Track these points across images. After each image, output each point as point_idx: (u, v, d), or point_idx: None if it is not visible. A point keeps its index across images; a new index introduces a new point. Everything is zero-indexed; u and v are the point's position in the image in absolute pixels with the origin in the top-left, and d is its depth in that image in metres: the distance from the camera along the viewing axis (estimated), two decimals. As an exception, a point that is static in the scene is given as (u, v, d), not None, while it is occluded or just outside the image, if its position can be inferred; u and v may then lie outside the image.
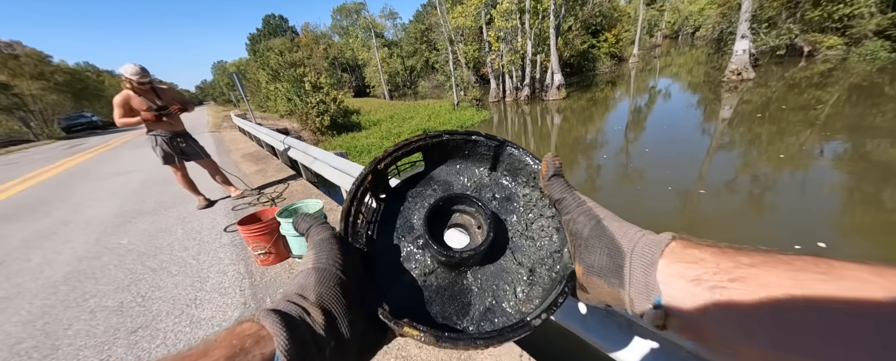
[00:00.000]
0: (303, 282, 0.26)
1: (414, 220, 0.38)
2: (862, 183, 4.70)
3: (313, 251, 0.29)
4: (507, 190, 0.40)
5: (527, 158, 0.39)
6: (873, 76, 10.56)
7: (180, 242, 2.81)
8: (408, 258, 0.36)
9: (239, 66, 38.85)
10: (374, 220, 0.38)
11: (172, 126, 3.15)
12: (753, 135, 7.56)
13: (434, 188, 0.41)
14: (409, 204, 0.40)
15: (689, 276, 0.21)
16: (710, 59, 21.51)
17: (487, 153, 0.40)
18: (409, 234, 0.37)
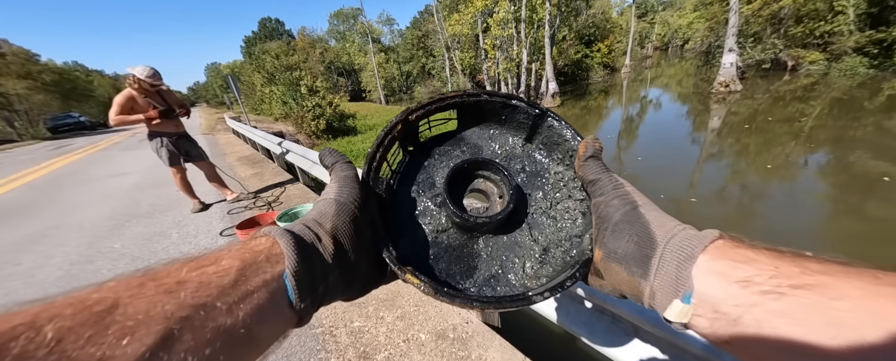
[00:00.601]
0: (322, 210, 0.27)
1: (436, 178, 0.38)
2: (846, 193, 4.88)
3: (336, 184, 0.30)
4: (539, 164, 0.39)
5: (567, 132, 0.36)
6: (853, 91, 11.01)
7: (176, 246, 2.78)
8: (424, 213, 0.37)
9: (233, 68, 38.64)
10: (397, 170, 0.38)
11: (177, 127, 3.20)
12: (741, 146, 7.80)
13: (463, 149, 0.40)
14: (434, 161, 0.39)
15: (736, 277, 0.19)
16: (698, 70, 22.17)
17: (526, 122, 0.38)
18: (429, 191, 0.37)
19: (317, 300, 0.23)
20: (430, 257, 0.34)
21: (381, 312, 1.70)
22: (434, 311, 1.66)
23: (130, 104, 2.84)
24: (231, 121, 11.62)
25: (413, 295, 1.79)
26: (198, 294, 0.17)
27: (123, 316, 0.14)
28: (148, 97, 2.92)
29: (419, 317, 1.63)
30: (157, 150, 3.13)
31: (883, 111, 8.28)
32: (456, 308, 1.67)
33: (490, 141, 0.40)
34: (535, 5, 18.92)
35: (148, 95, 2.92)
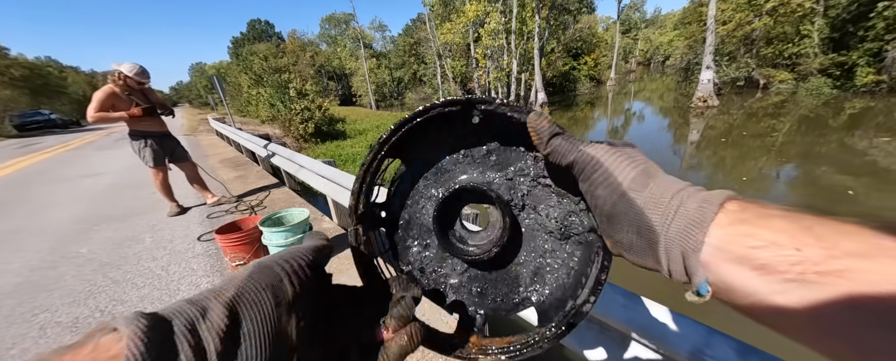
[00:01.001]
0: (231, 276, 0.20)
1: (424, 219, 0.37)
2: (812, 205, 5.14)
3: (276, 253, 0.23)
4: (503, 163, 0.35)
5: (511, 114, 0.31)
6: (819, 109, 11.76)
7: (149, 251, 2.64)
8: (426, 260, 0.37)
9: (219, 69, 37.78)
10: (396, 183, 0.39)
11: (161, 127, 3.10)
12: (719, 159, 8.15)
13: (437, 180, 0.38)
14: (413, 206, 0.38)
15: (754, 261, 0.16)
16: (679, 86, 23.22)
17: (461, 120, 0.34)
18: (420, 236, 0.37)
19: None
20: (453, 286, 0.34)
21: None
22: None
23: (111, 101, 2.73)
24: (215, 123, 11.31)
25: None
26: None
27: None
28: (131, 95, 2.83)
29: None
30: (140, 150, 3.02)
31: (845, 129, 8.86)
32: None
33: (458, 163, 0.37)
34: (525, 18, 19.48)
35: (131, 93, 2.83)
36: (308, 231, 2.22)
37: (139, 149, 3.01)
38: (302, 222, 2.15)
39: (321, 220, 2.94)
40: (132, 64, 2.77)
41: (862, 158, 6.74)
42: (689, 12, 25.62)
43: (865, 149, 7.13)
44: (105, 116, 2.71)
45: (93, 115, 2.67)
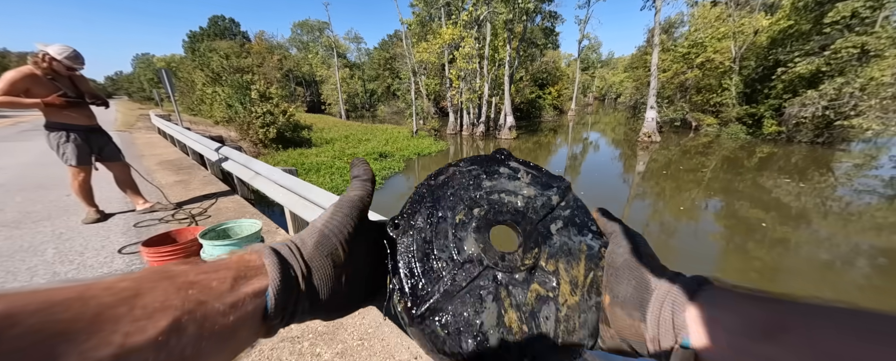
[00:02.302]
0: (304, 238, 0.28)
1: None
2: (734, 234, 5.90)
3: (332, 210, 0.30)
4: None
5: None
6: (737, 151, 13.79)
7: (48, 266, 2.21)
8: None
9: (170, 63, 34.58)
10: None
11: (89, 120, 2.69)
12: (660, 189, 9.10)
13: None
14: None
15: (726, 323, 0.21)
16: (628, 121, 25.94)
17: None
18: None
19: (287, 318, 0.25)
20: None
21: (318, 348, 1.51)
22: (380, 346, 1.53)
23: (26, 84, 2.32)
24: (158, 120, 10.19)
25: (357, 328, 1.65)
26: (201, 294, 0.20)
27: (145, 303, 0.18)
28: (55, 80, 2.44)
29: (363, 353, 1.49)
30: (59, 145, 2.57)
31: (756, 170, 10.46)
32: (406, 342, 1.57)
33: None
34: (497, 45, 20.73)
35: (55, 78, 2.44)
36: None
37: (58, 143, 2.57)
38: (251, 235, 1.97)
39: (275, 233, 2.71)
40: (63, 46, 2.43)
41: (769, 195, 7.95)
42: (637, 58, 29.25)
43: (771, 188, 8.44)
44: (12, 101, 2.27)
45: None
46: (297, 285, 0.25)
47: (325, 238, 0.28)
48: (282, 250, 0.26)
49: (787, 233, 5.81)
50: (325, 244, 0.27)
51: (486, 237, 0.31)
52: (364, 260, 0.30)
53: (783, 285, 4.28)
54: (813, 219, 6.42)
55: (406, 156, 13.30)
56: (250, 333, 0.23)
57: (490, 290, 0.29)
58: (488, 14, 18.03)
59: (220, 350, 0.20)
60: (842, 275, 4.50)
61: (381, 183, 9.20)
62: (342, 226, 0.29)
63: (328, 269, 0.27)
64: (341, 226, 0.28)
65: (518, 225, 0.32)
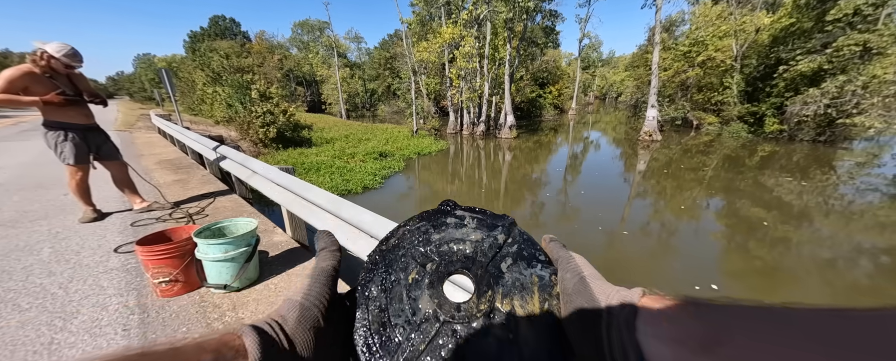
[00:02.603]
0: (284, 314, 0.28)
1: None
2: (735, 234, 5.87)
3: (308, 281, 0.30)
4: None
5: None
6: (738, 150, 13.73)
7: (44, 265, 2.20)
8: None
9: (171, 63, 34.63)
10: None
11: (87, 118, 2.70)
12: (661, 188, 9.06)
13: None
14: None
15: (668, 336, 0.22)
16: (629, 120, 25.87)
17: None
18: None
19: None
20: None
21: None
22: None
23: (25, 83, 2.32)
24: (158, 120, 10.20)
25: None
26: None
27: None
28: (53, 79, 2.45)
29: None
30: (58, 144, 2.57)
31: (758, 168, 10.41)
32: None
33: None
34: (497, 45, 20.68)
35: (54, 77, 2.45)
36: (254, 243, 2.00)
37: (56, 142, 2.57)
38: (247, 234, 1.95)
39: (272, 232, 2.70)
40: (61, 43, 2.42)
41: (770, 194, 7.91)
42: (638, 57, 29.16)
43: (773, 187, 8.39)
44: (11, 99, 2.27)
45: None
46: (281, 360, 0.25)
47: (306, 310, 0.28)
48: (263, 327, 0.27)
49: (788, 232, 5.77)
50: (306, 317, 0.28)
51: (440, 291, 0.31)
52: (337, 332, 0.30)
53: (785, 284, 4.26)
54: (815, 218, 6.38)
55: (406, 155, 13.28)
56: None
57: (450, 347, 0.28)
58: (488, 13, 17.99)
59: None
60: (844, 275, 4.46)
61: (380, 183, 9.18)
62: (321, 297, 0.29)
63: (311, 343, 0.27)
64: (320, 296, 0.29)
65: (469, 270, 0.32)
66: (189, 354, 0.22)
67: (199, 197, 3.59)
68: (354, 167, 10.50)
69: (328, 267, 0.32)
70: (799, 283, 4.27)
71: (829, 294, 4.03)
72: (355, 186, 8.44)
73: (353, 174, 9.48)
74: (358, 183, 8.65)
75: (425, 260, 0.32)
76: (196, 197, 3.59)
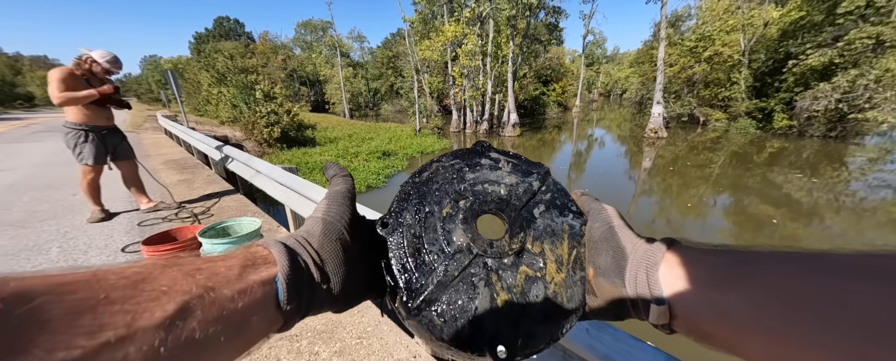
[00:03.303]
0: (309, 229, 0.29)
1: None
2: (744, 231, 5.78)
3: (326, 201, 0.31)
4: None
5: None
6: (746, 146, 13.52)
7: (53, 264, 2.24)
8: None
9: (177, 65, 35.00)
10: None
11: (108, 120, 2.81)
12: (667, 185, 8.96)
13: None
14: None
15: (693, 276, 0.23)
16: (634, 117, 25.58)
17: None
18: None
19: (303, 306, 0.25)
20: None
21: (316, 346, 1.51)
22: (379, 344, 1.52)
23: (69, 83, 2.48)
24: (164, 121, 10.33)
25: (356, 326, 1.63)
26: (210, 279, 0.21)
27: (152, 287, 0.18)
28: (89, 81, 2.60)
29: (361, 352, 1.48)
30: (78, 145, 2.66)
31: (766, 165, 10.23)
32: (405, 340, 1.55)
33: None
34: (500, 42, 20.57)
35: (89, 80, 2.60)
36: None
37: (76, 142, 2.65)
38: (251, 233, 1.97)
39: (276, 231, 2.72)
40: (105, 51, 2.62)
41: (779, 191, 7.78)
42: (643, 53, 28.80)
43: (782, 184, 8.25)
44: (73, 96, 2.45)
45: (59, 96, 2.41)
46: (309, 273, 0.26)
47: (329, 225, 0.28)
48: (288, 241, 0.27)
49: (797, 230, 5.67)
50: (331, 230, 0.28)
51: (474, 227, 0.32)
52: (361, 252, 0.30)
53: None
54: (825, 215, 6.26)
55: (409, 154, 13.30)
56: (263, 322, 0.23)
57: (481, 276, 0.30)
58: (491, 11, 17.88)
59: (231, 336, 0.20)
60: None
61: (383, 182, 9.21)
62: (342, 214, 0.30)
63: (339, 254, 0.28)
64: (341, 214, 0.30)
65: (503, 212, 0.34)
66: (217, 258, 0.23)
67: (206, 197, 3.63)
68: (358, 166, 10.55)
69: (343, 190, 0.32)
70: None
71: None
72: (359, 185, 8.47)
73: (356, 173, 9.52)
74: (361, 183, 8.69)
75: (459, 197, 0.33)
76: (201, 197, 3.63)
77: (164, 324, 0.17)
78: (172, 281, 0.19)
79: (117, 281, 0.17)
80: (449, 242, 0.31)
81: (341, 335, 1.58)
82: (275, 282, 0.23)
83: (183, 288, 0.19)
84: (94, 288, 0.16)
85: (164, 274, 0.19)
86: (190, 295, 0.19)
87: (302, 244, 0.27)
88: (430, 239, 0.31)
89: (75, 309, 0.15)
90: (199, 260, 0.22)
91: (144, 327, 0.16)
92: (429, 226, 0.31)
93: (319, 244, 0.27)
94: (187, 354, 0.18)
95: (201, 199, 3.57)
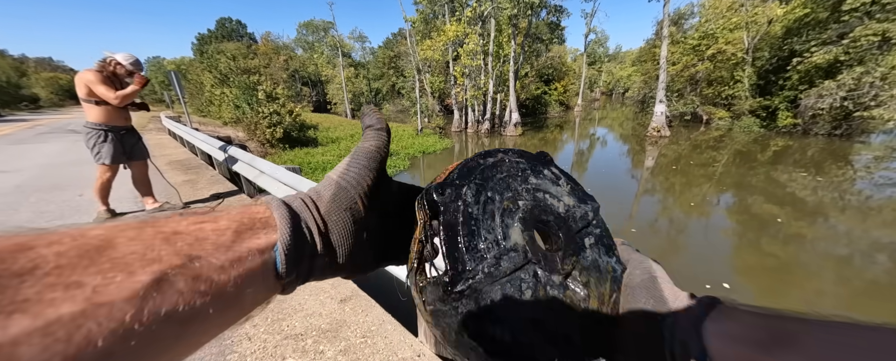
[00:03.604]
0: (320, 191, 0.26)
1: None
2: (747, 230, 5.75)
3: (347, 161, 0.27)
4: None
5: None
6: (750, 145, 13.42)
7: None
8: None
9: (180, 66, 35.21)
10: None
11: (126, 121, 2.91)
12: (670, 184, 8.92)
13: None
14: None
15: (737, 337, 0.22)
16: (636, 116, 25.47)
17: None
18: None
19: (302, 275, 0.23)
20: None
21: (321, 345, 1.52)
22: (383, 343, 1.53)
23: (109, 84, 2.61)
24: (168, 121, 10.39)
25: (360, 325, 1.64)
26: (194, 246, 0.18)
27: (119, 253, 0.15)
28: (116, 85, 2.71)
29: (366, 351, 1.49)
30: (98, 144, 2.74)
31: (770, 163, 10.16)
32: (409, 339, 1.56)
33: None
34: (501, 42, 20.54)
35: (112, 82, 2.69)
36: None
37: (96, 142, 2.73)
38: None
39: (281, 232, 2.74)
40: (127, 54, 2.73)
41: (784, 189, 7.72)
42: (645, 52, 28.67)
43: (786, 182, 8.19)
44: (127, 94, 2.61)
45: (116, 96, 2.57)
46: (311, 241, 0.23)
47: (342, 190, 0.26)
48: (293, 203, 0.24)
49: (802, 229, 5.63)
50: (342, 197, 0.25)
51: (532, 232, 0.30)
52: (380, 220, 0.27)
53: (798, 281, 4.16)
54: (830, 214, 6.21)
55: (411, 154, 13.32)
56: (259, 292, 0.20)
57: (530, 284, 0.27)
58: (492, 10, 17.85)
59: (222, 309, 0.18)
60: (862, 272, 4.34)
61: (386, 182, 9.22)
62: (360, 179, 0.26)
63: (347, 225, 0.25)
64: (359, 179, 0.26)
65: (560, 229, 0.32)
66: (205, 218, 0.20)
67: (209, 198, 3.66)
68: (360, 166, 10.55)
69: (370, 148, 0.28)
70: (814, 281, 4.17)
71: (846, 292, 3.92)
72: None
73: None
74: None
75: (518, 197, 0.31)
76: (206, 198, 3.66)
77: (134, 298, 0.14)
78: (145, 248, 0.16)
79: (73, 246, 0.14)
80: (505, 236, 0.28)
81: (346, 333, 1.59)
82: (274, 251, 0.21)
83: (159, 256, 0.16)
84: (42, 254, 0.14)
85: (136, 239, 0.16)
86: (167, 264, 0.16)
87: (307, 206, 0.24)
88: (486, 225, 0.28)
89: (18, 279, 0.12)
90: (183, 220, 0.19)
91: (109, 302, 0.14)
92: (487, 212, 0.28)
93: (327, 210, 0.24)
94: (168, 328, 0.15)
95: (206, 200, 3.59)
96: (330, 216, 0.24)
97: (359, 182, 0.26)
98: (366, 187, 0.26)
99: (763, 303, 0.19)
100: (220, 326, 0.19)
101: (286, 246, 0.21)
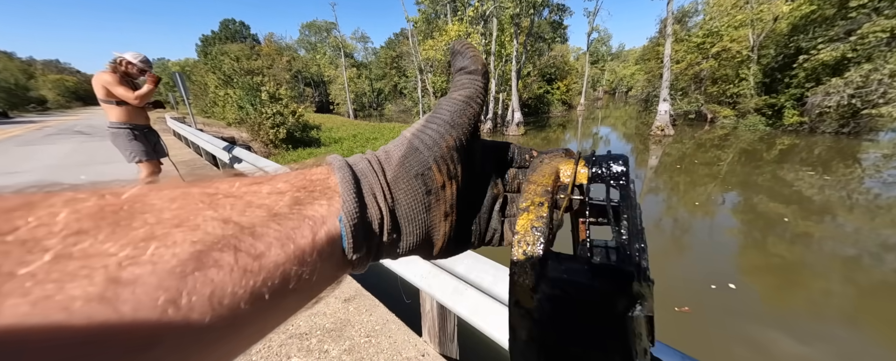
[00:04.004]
0: (390, 151, 0.21)
1: None
2: (753, 230, 5.69)
3: (427, 117, 0.22)
4: None
5: None
6: (755, 144, 13.28)
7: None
8: None
9: (184, 67, 35.52)
10: None
11: (146, 120, 2.98)
12: (674, 184, 8.85)
13: None
14: None
15: None
16: (639, 115, 25.31)
17: None
18: None
19: (371, 253, 0.19)
20: None
21: (326, 344, 1.52)
22: (387, 342, 1.53)
23: (124, 84, 2.66)
24: (173, 122, 10.50)
25: (364, 325, 1.65)
26: (246, 213, 0.14)
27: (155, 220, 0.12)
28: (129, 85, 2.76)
29: (370, 350, 1.50)
30: (127, 143, 2.81)
31: (776, 162, 10.05)
32: (413, 339, 1.56)
33: None
34: (504, 41, 20.50)
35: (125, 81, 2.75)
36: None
37: (126, 141, 2.80)
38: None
39: (285, 232, 2.76)
40: (136, 53, 2.79)
41: (790, 188, 7.63)
42: (649, 50, 28.44)
43: (792, 181, 8.09)
44: (144, 93, 2.66)
45: (135, 95, 2.62)
46: (375, 214, 0.19)
47: (413, 152, 0.20)
48: (358, 164, 0.20)
49: (809, 228, 5.56)
50: (413, 160, 0.20)
51: None
52: (465, 190, 0.22)
53: (805, 281, 4.11)
54: (838, 213, 6.13)
55: (413, 154, 13.34)
56: (326, 271, 0.17)
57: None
58: (494, 9, 17.82)
59: (279, 293, 0.14)
60: (870, 272, 4.28)
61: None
62: (439, 138, 0.21)
63: (419, 194, 0.20)
64: (437, 138, 0.21)
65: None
66: (254, 181, 0.17)
67: (214, 197, 3.69)
68: (363, 166, 10.59)
69: (458, 99, 0.22)
70: (821, 281, 4.12)
71: (853, 292, 3.87)
72: (364, 185, 8.49)
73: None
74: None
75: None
76: (210, 197, 3.69)
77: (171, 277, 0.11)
78: (187, 214, 0.13)
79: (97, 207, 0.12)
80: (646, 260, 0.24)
81: (350, 333, 1.59)
82: (339, 221, 0.17)
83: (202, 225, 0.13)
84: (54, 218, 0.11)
85: (180, 201, 0.13)
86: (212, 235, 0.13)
87: (374, 169, 0.20)
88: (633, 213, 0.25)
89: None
90: (235, 180, 0.16)
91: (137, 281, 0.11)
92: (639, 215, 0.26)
93: (394, 176, 0.20)
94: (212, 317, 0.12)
95: (210, 200, 3.63)
96: (397, 183, 0.20)
97: (437, 142, 0.21)
98: (445, 149, 0.21)
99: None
100: (278, 315, 0.15)
101: (352, 217, 0.17)
